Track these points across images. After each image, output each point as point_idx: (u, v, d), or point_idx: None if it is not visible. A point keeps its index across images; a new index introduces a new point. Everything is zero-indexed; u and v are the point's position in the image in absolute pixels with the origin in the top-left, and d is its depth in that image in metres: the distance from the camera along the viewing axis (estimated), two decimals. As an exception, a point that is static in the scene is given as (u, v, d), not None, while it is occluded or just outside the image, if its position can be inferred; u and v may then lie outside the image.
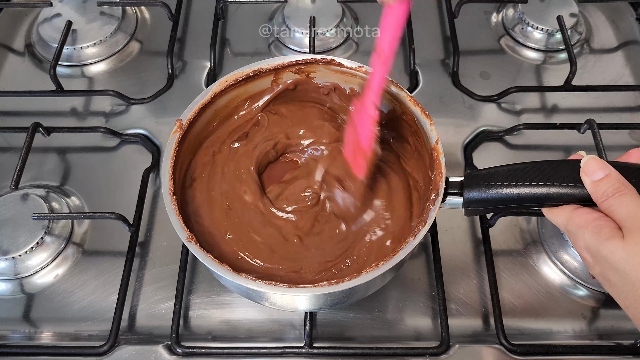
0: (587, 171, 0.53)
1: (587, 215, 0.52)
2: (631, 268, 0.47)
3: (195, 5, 1.05)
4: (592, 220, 0.51)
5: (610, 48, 0.99)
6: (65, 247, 0.77)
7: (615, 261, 0.48)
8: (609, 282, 0.50)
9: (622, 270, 0.48)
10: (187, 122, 0.67)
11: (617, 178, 0.51)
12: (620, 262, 0.48)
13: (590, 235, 0.50)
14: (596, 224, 0.50)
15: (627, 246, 0.48)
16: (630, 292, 0.48)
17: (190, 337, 0.71)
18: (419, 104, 0.66)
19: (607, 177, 0.51)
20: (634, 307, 0.48)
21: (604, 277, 0.51)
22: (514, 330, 0.70)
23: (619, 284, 0.49)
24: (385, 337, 0.71)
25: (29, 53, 0.99)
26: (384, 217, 0.68)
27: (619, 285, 0.49)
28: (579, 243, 0.52)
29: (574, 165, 0.54)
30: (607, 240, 0.49)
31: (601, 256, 0.49)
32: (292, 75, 0.73)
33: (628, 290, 0.48)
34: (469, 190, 0.58)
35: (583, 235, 0.51)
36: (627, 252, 0.47)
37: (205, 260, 0.58)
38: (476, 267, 0.75)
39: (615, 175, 0.51)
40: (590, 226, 0.51)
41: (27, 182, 0.82)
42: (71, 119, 0.90)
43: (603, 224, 0.50)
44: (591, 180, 0.52)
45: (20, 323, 0.73)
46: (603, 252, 0.49)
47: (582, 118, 0.82)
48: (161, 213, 0.80)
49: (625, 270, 0.47)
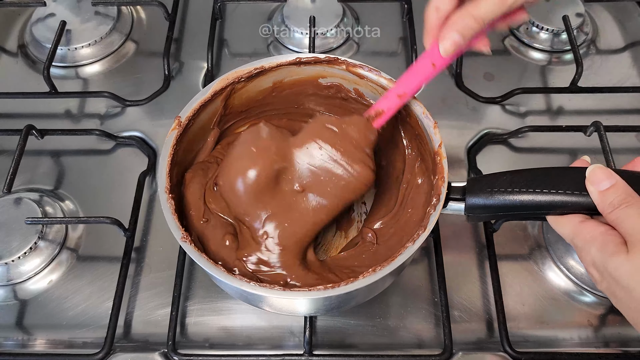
0: (592, 180, 0.52)
1: (594, 229, 0.52)
2: (636, 284, 0.47)
3: (192, 5, 1.05)
4: (599, 234, 0.51)
5: (617, 48, 0.99)
6: (59, 253, 0.77)
7: (620, 277, 0.48)
8: (616, 298, 0.50)
9: (626, 286, 0.48)
10: (186, 120, 0.67)
11: (624, 188, 0.51)
12: (624, 277, 0.48)
13: (596, 251, 0.50)
14: (602, 239, 0.50)
15: (632, 261, 0.48)
16: (636, 308, 0.48)
17: (187, 344, 0.71)
18: (422, 105, 0.67)
19: (614, 187, 0.51)
20: None
21: (611, 292, 0.51)
22: (518, 338, 0.71)
23: (625, 299, 0.49)
24: (387, 345, 0.71)
25: (22, 54, 1.00)
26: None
27: (625, 301, 0.49)
28: (586, 258, 0.52)
29: (580, 173, 0.54)
30: (612, 256, 0.49)
31: (607, 272, 0.49)
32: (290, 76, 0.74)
33: (634, 307, 0.48)
34: (471, 196, 0.58)
35: (589, 250, 0.51)
36: (632, 268, 0.47)
37: (199, 260, 0.58)
38: (480, 273, 0.76)
39: (622, 185, 0.51)
40: (597, 241, 0.51)
41: (20, 185, 0.83)
42: (65, 121, 0.91)
43: (609, 239, 0.50)
44: (597, 190, 0.52)
45: (13, 330, 0.73)
46: (608, 268, 0.49)
47: (588, 120, 0.83)
48: (157, 217, 0.81)
49: (629, 286, 0.48)
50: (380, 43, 0.99)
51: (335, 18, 0.98)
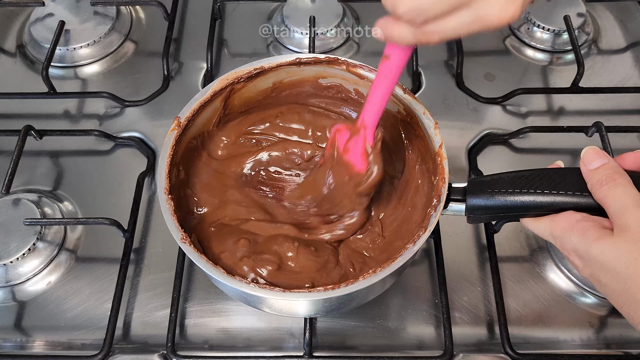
0: (585, 160, 0.53)
1: (570, 217, 0.53)
2: (622, 266, 0.48)
3: (191, 5, 1.06)
4: (576, 222, 0.52)
5: (619, 49, 0.99)
6: (58, 254, 0.77)
7: (606, 261, 0.49)
8: (600, 283, 0.51)
9: (612, 269, 0.49)
10: (185, 120, 0.67)
11: (613, 167, 0.52)
12: (610, 261, 0.49)
13: (577, 238, 0.51)
14: (581, 226, 0.51)
15: (617, 244, 0.48)
16: (622, 290, 0.49)
17: (186, 346, 0.71)
18: (423, 106, 0.67)
19: (603, 166, 0.52)
20: (628, 306, 0.49)
21: (595, 278, 0.51)
22: (519, 339, 0.71)
23: (610, 283, 0.50)
24: (387, 346, 0.71)
25: (21, 54, 1.00)
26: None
27: (610, 285, 0.50)
28: (566, 247, 0.53)
29: (581, 174, 0.54)
30: (595, 241, 0.50)
31: (591, 257, 0.50)
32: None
33: (620, 289, 0.49)
34: (472, 196, 0.58)
35: (570, 239, 0.52)
36: (616, 250, 0.48)
37: (198, 261, 0.58)
38: (481, 274, 0.76)
39: (612, 164, 0.52)
40: (575, 228, 0.52)
41: (18, 186, 0.83)
42: (64, 121, 0.91)
43: (589, 225, 0.51)
44: (587, 169, 0.53)
45: (12, 331, 0.73)
46: (592, 253, 0.50)
47: (589, 121, 0.83)
48: (157, 218, 0.81)
49: (615, 269, 0.48)
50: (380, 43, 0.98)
51: (336, 18, 0.98)
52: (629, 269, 0.47)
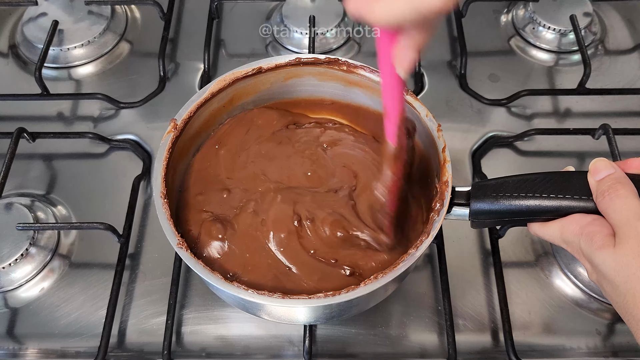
0: (592, 171, 0.54)
1: (580, 220, 0.53)
2: (620, 280, 0.48)
3: (188, 4, 1.06)
4: (585, 225, 0.52)
5: (626, 49, 1.00)
6: (51, 259, 0.78)
7: (607, 272, 0.49)
8: (604, 291, 0.52)
9: (612, 281, 0.49)
10: (182, 123, 0.68)
11: (616, 177, 0.52)
12: (610, 273, 0.49)
13: (584, 243, 0.52)
14: (589, 231, 0.52)
15: (617, 256, 0.49)
16: (621, 303, 0.49)
17: (183, 354, 0.72)
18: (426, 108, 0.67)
19: (608, 176, 0.52)
20: (627, 319, 0.50)
21: (600, 284, 0.52)
22: (524, 347, 0.71)
23: (612, 293, 0.51)
24: (389, 354, 0.71)
25: (13, 54, 1.00)
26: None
27: (611, 295, 0.51)
28: (576, 250, 0.54)
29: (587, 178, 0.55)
30: (598, 250, 0.50)
31: (594, 265, 0.51)
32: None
33: (620, 302, 0.49)
34: (476, 200, 0.58)
35: (578, 243, 0.52)
36: (616, 263, 0.49)
37: (195, 267, 0.58)
38: (485, 280, 0.76)
39: (617, 175, 0.52)
40: (583, 233, 0.52)
41: (11, 190, 0.83)
42: (57, 123, 0.91)
43: (596, 230, 0.51)
44: (594, 180, 0.53)
45: (4, 339, 0.73)
46: (595, 261, 0.50)
47: (596, 123, 0.83)
48: (152, 223, 0.81)
49: (615, 281, 0.49)
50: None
51: (336, 18, 0.99)
52: (627, 284, 0.48)
